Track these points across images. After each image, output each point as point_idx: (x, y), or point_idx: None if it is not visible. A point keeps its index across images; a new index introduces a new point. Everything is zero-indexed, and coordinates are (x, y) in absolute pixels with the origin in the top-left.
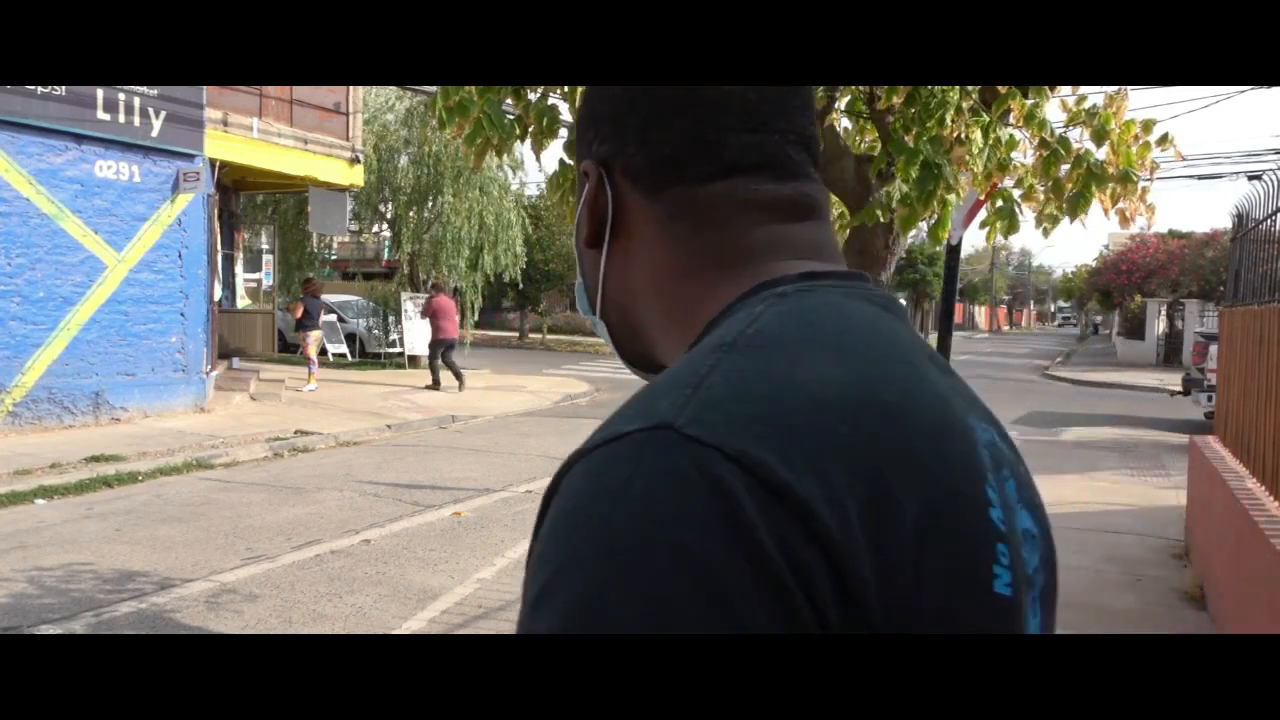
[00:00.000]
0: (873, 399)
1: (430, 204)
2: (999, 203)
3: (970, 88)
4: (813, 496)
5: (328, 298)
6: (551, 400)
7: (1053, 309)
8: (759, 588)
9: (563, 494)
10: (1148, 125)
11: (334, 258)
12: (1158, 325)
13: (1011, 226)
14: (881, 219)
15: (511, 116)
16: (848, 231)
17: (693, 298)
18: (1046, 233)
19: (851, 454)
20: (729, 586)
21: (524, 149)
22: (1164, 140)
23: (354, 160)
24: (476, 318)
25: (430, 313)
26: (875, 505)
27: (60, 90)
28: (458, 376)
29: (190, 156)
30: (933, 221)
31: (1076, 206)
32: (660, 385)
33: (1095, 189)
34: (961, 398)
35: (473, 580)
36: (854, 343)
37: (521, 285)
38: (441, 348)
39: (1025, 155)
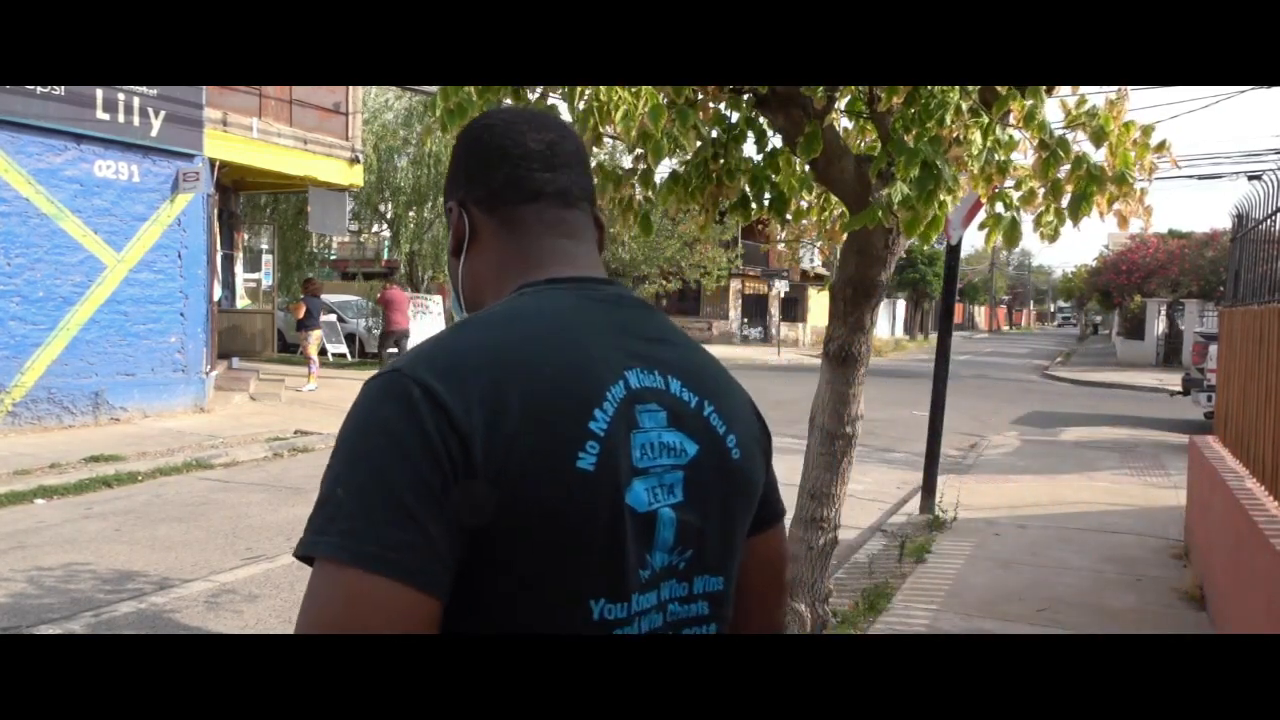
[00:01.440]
0: (504, 353)
1: (430, 204)
2: (999, 207)
3: (970, 88)
4: (453, 404)
5: (327, 298)
6: None
7: (1052, 309)
8: (424, 449)
9: (355, 400)
10: (1147, 130)
11: (334, 258)
12: (1157, 325)
13: (1013, 238)
14: (885, 223)
15: None
16: (845, 234)
17: (503, 289)
18: (1051, 240)
19: (480, 382)
20: (408, 445)
21: None
22: (1161, 147)
23: (354, 160)
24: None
25: (382, 304)
26: (491, 411)
27: (60, 90)
28: None
29: (190, 156)
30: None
31: (1078, 210)
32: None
33: (1095, 191)
34: (631, 357)
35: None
36: (524, 324)
37: None
38: (392, 339)
39: (1025, 156)
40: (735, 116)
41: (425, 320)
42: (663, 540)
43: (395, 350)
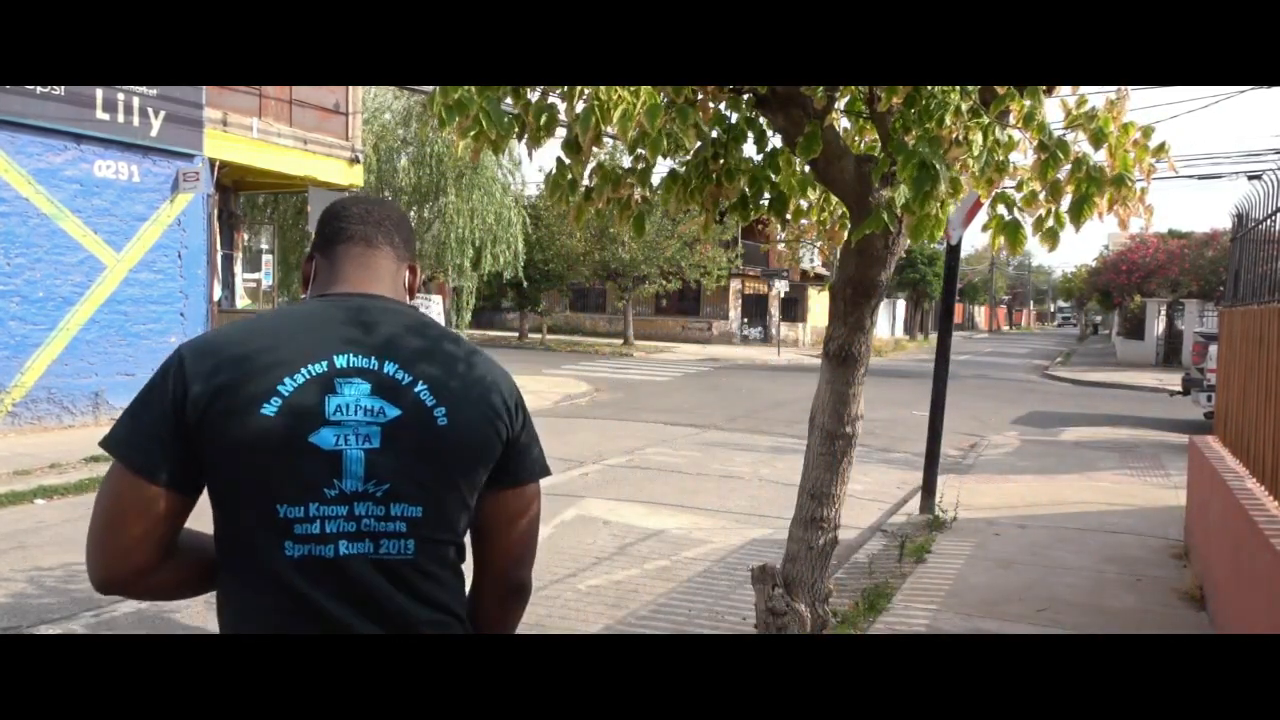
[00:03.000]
0: (230, 341)
1: (432, 204)
2: (1000, 208)
3: (970, 88)
4: (190, 373)
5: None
6: (551, 400)
7: (1052, 309)
8: (163, 395)
9: None
10: (1147, 131)
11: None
12: (1157, 325)
13: (1016, 240)
14: (891, 228)
15: (510, 115)
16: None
17: None
18: (1051, 248)
19: (209, 361)
20: (160, 395)
21: (521, 147)
22: (1160, 150)
23: (354, 160)
24: (470, 316)
25: None
26: (208, 377)
27: (60, 90)
28: None
29: (190, 156)
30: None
31: (1079, 214)
32: None
33: (1094, 194)
34: (347, 346)
35: (470, 579)
36: (260, 323)
37: (523, 285)
38: None
39: (1025, 156)
40: (735, 116)
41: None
42: (351, 471)
43: None
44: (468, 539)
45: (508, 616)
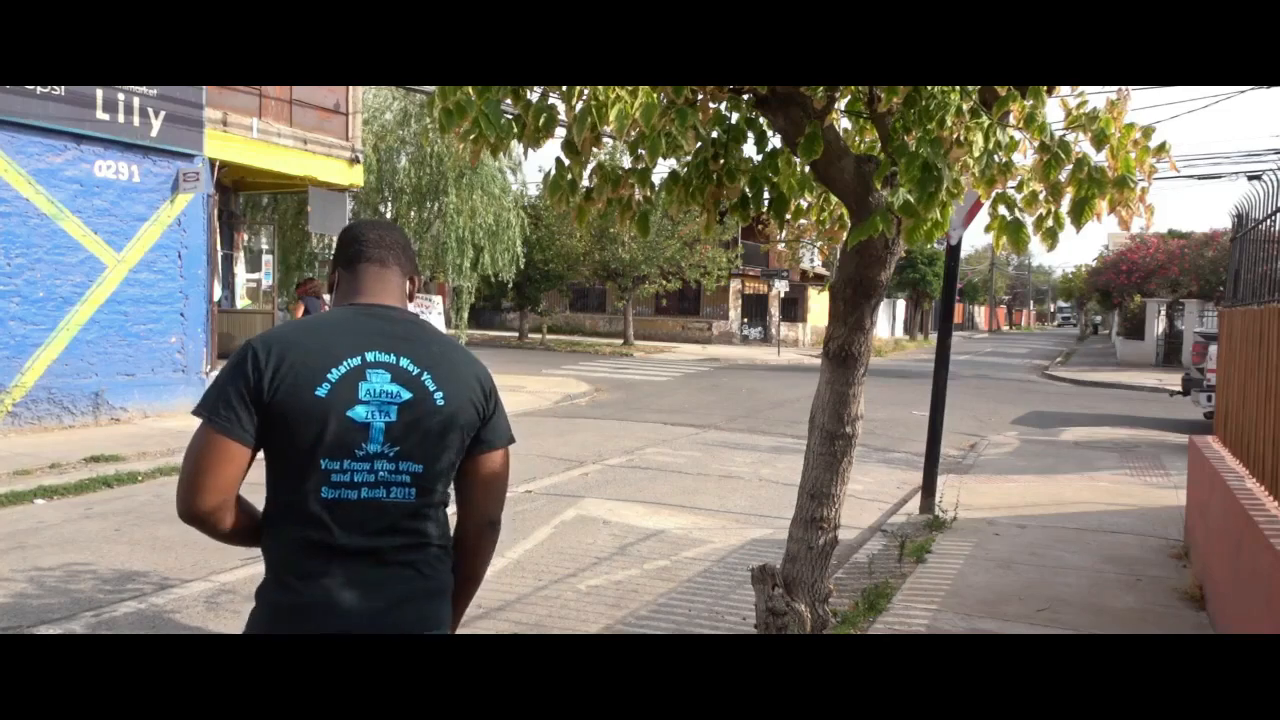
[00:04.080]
0: (292, 337)
1: (431, 204)
2: (1001, 209)
3: (970, 89)
4: (261, 357)
5: (327, 298)
6: (551, 400)
7: (1052, 309)
8: (242, 374)
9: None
10: (1148, 131)
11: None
12: (1157, 325)
13: (1019, 241)
14: (887, 233)
15: (510, 116)
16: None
17: (340, 305)
18: (1050, 248)
19: (276, 354)
20: (238, 377)
21: (520, 147)
22: (1161, 150)
23: (354, 160)
24: (468, 315)
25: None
26: (275, 363)
27: (60, 90)
28: None
29: (190, 156)
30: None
31: (1080, 215)
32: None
33: (1095, 195)
34: (374, 344)
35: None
36: (311, 324)
37: (523, 285)
38: None
39: (1025, 156)
40: (735, 117)
41: (431, 318)
42: (375, 437)
43: None
44: (452, 490)
45: (483, 545)
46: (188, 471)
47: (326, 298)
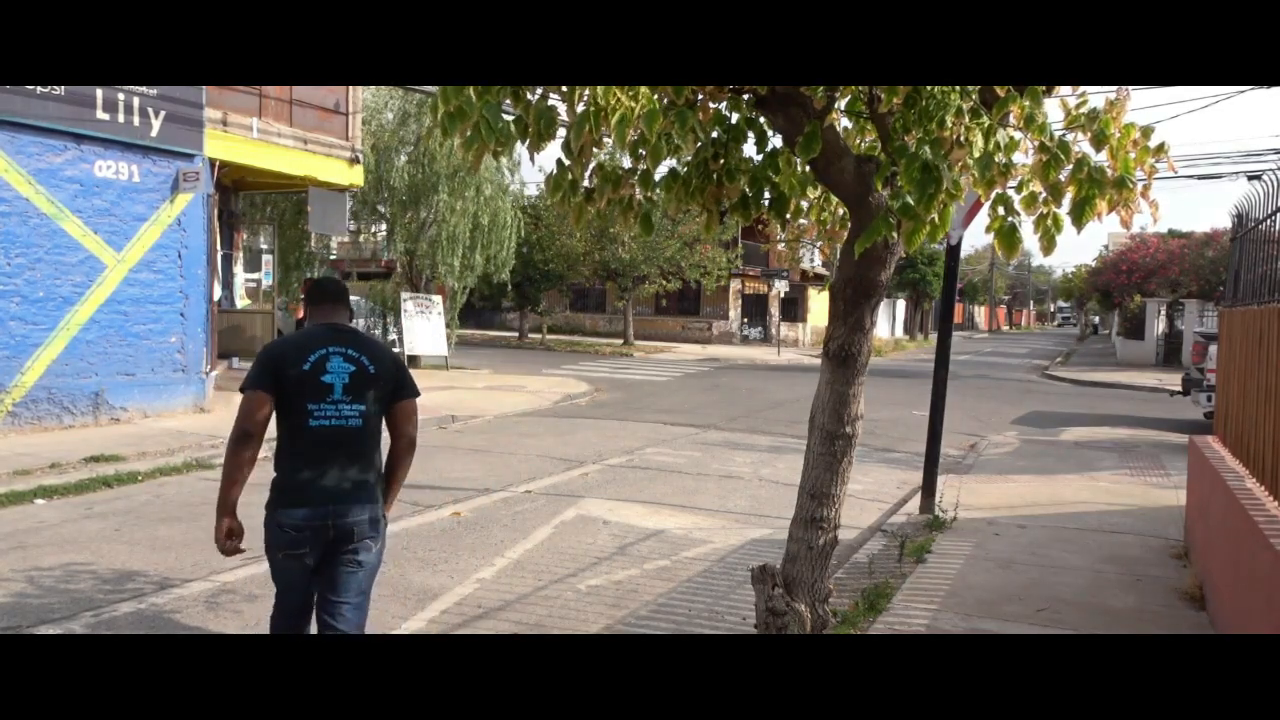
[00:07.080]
0: (286, 342)
1: (425, 203)
2: (999, 210)
3: (970, 89)
4: (274, 354)
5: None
6: (551, 400)
7: (1052, 309)
8: (268, 364)
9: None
10: (1147, 131)
11: (333, 258)
12: (1157, 325)
13: (1013, 244)
14: (890, 237)
15: (510, 118)
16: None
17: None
18: (1048, 251)
19: (282, 350)
20: (264, 365)
21: (521, 149)
22: (1160, 150)
23: (353, 160)
24: (458, 315)
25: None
26: (279, 356)
27: (60, 90)
28: None
29: (190, 156)
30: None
31: (1081, 216)
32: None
33: (1095, 195)
34: (339, 343)
35: (472, 580)
36: (296, 337)
37: (523, 285)
38: None
39: (1026, 155)
40: (735, 117)
41: (431, 319)
42: (336, 390)
43: None
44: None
45: (404, 456)
46: (245, 410)
47: (304, 320)
